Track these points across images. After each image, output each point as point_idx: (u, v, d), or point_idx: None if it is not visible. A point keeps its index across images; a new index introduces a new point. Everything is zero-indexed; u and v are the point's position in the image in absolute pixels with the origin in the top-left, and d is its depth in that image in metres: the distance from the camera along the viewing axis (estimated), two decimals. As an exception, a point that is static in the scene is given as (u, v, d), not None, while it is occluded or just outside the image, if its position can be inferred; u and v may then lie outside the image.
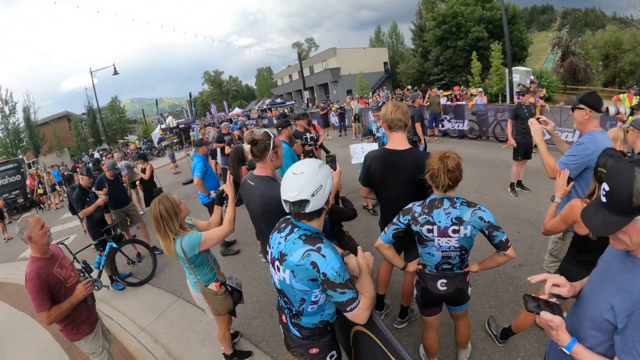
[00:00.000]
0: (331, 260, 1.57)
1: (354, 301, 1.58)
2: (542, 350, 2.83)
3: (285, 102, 40.81)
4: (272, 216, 2.36)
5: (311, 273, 1.59)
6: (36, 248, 2.57)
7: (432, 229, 2.19)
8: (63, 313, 2.55)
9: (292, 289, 1.69)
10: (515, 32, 28.81)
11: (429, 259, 2.35)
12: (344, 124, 17.35)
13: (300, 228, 1.69)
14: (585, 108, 2.63)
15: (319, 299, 1.70)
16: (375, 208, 6.55)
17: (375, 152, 2.92)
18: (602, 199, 1.16)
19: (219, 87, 71.46)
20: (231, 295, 2.91)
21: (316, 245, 1.60)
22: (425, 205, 2.22)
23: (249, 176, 2.67)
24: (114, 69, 24.21)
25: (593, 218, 1.19)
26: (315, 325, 1.79)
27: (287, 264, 1.65)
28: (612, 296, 1.22)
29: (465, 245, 2.21)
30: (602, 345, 1.28)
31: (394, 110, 2.65)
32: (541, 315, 1.31)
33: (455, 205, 2.15)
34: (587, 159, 2.55)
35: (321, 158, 6.02)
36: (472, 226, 2.13)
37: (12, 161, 18.50)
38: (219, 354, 3.48)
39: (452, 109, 12.76)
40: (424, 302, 2.52)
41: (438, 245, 2.23)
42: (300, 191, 1.58)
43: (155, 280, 5.45)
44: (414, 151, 2.75)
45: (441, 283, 2.36)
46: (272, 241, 1.82)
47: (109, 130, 40.35)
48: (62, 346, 4.19)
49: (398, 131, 2.69)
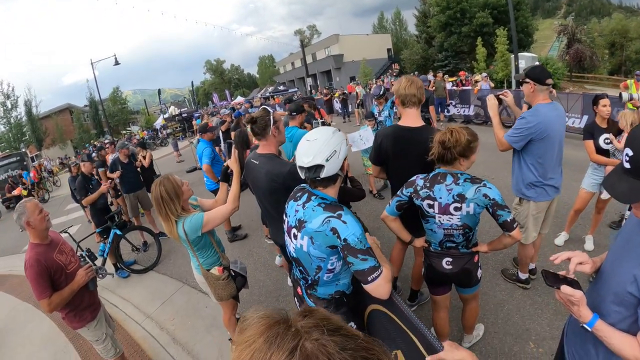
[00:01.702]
0: (352, 226, 1.53)
1: (375, 270, 1.49)
2: (555, 334, 2.80)
3: (288, 89, 40.50)
4: (278, 195, 2.31)
5: (331, 239, 1.55)
6: (35, 233, 2.51)
7: (432, 205, 2.11)
8: (64, 300, 2.49)
9: (308, 257, 1.66)
10: (521, 18, 28.30)
11: (432, 236, 2.28)
12: (346, 110, 17.21)
13: (317, 196, 1.67)
14: (530, 82, 2.77)
15: (335, 267, 1.67)
16: (381, 192, 6.53)
17: (387, 129, 2.80)
18: (626, 165, 1.09)
19: (221, 76, 70.98)
20: (234, 281, 2.84)
21: (337, 212, 1.57)
22: (427, 179, 2.16)
23: (253, 155, 2.61)
24: (114, 59, 24.03)
25: (617, 186, 1.12)
26: (331, 296, 1.76)
27: (305, 231, 1.62)
28: (635, 267, 1.16)
29: (469, 223, 2.11)
30: (625, 321, 1.22)
31: (407, 85, 2.54)
32: (562, 289, 1.25)
33: (458, 181, 2.06)
34: (529, 132, 2.73)
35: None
36: (476, 204, 2.02)
37: (15, 154, 18.53)
38: (225, 340, 3.45)
39: (458, 94, 12.60)
40: (430, 280, 2.48)
41: (439, 222, 2.15)
42: (315, 156, 1.57)
43: (160, 267, 5.43)
44: (428, 128, 2.64)
45: (446, 261, 2.28)
46: (289, 209, 1.79)
47: (112, 121, 40.36)
48: (66, 335, 4.18)
49: (412, 107, 2.58)
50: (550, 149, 2.81)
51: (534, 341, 2.82)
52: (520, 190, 3.06)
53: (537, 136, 2.73)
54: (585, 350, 1.42)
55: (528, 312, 3.14)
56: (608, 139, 3.59)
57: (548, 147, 2.80)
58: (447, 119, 12.61)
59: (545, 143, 2.77)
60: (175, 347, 3.57)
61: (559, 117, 2.83)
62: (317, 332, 0.57)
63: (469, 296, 2.52)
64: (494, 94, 3.06)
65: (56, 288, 2.47)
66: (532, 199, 3.01)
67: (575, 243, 4.04)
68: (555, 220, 3.47)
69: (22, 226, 2.47)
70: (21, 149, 27.66)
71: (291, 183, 2.28)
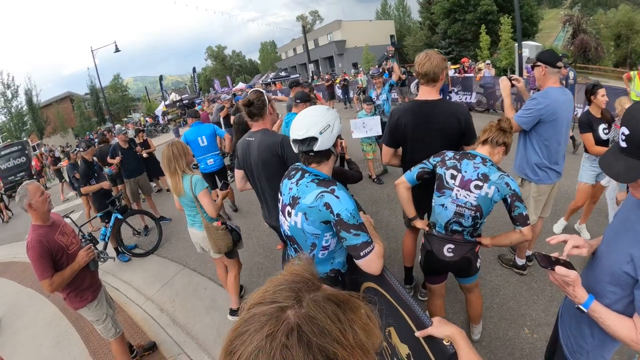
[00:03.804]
0: (345, 201, 1.55)
1: (368, 245, 1.52)
2: (550, 320, 2.82)
3: (290, 75, 40.19)
4: (270, 168, 2.37)
5: (324, 214, 1.56)
6: (37, 215, 2.53)
7: (455, 176, 2.13)
8: (65, 280, 2.52)
9: (303, 233, 1.67)
10: (526, 6, 27.93)
11: (440, 213, 2.23)
12: (347, 96, 17.11)
13: (311, 173, 1.69)
14: (541, 65, 2.83)
15: (329, 244, 1.69)
16: (381, 177, 6.52)
17: (403, 105, 2.72)
18: (622, 144, 1.09)
19: (222, 63, 70.40)
20: (231, 234, 3.20)
21: (330, 187, 1.59)
22: (457, 153, 2.21)
23: (247, 134, 2.66)
24: (115, 47, 23.84)
25: (614, 165, 1.12)
26: (327, 275, 1.77)
27: (299, 207, 1.63)
28: (631, 246, 1.15)
29: (483, 207, 2.10)
30: (620, 302, 1.22)
31: (425, 62, 2.45)
32: (556, 270, 1.24)
33: (486, 163, 2.11)
34: (539, 112, 2.77)
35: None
36: (497, 188, 2.03)
37: (17, 143, 18.48)
38: (224, 321, 3.52)
39: (460, 82, 12.50)
40: (428, 269, 2.44)
41: (455, 196, 2.14)
42: (309, 129, 1.59)
43: (160, 251, 5.48)
44: (447, 102, 2.62)
45: (448, 248, 2.24)
46: (283, 188, 1.80)
47: (113, 109, 40.22)
48: (68, 318, 4.24)
49: (429, 84, 2.51)
50: (558, 132, 2.84)
51: (528, 327, 2.85)
52: (523, 170, 3.08)
53: (546, 118, 2.77)
54: (580, 331, 1.42)
55: (524, 297, 3.17)
56: (606, 129, 3.56)
57: (556, 130, 2.83)
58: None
59: (553, 125, 2.80)
60: (175, 328, 3.63)
61: (568, 102, 2.86)
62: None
63: (470, 285, 2.50)
64: (506, 76, 3.09)
65: (58, 269, 2.50)
66: (533, 181, 3.02)
67: (574, 232, 4.05)
68: (553, 208, 3.47)
69: (25, 208, 2.50)
70: (23, 138, 27.71)
71: (284, 151, 2.38)
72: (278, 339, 0.51)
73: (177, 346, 3.38)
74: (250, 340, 0.53)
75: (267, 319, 0.54)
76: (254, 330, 0.54)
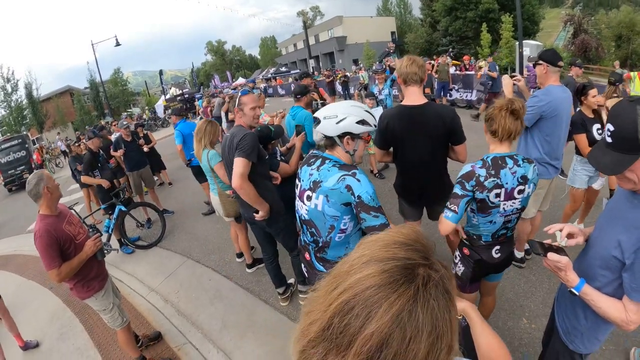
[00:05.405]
0: (365, 184, 1.66)
1: (385, 227, 1.60)
2: (547, 311, 2.81)
3: (290, 71, 40.11)
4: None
5: (345, 196, 1.66)
6: (49, 202, 2.55)
7: (499, 193, 1.89)
8: (73, 270, 2.52)
9: (323, 216, 1.76)
10: (527, 5, 27.82)
11: (487, 228, 2.04)
12: (348, 92, 17.11)
13: (331, 160, 1.78)
14: (543, 63, 2.91)
15: (347, 227, 1.77)
16: (382, 172, 6.57)
17: (390, 110, 2.76)
18: (608, 139, 1.19)
19: (222, 58, 70.09)
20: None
21: (351, 171, 1.69)
22: (489, 166, 1.88)
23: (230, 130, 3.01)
24: (115, 41, 23.70)
25: (601, 159, 1.23)
26: (341, 259, 1.80)
27: (321, 190, 1.73)
28: (620, 233, 1.26)
29: (525, 204, 2.00)
30: (611, 285, 1.33)
31: (409, 64, 2.52)
32: (548, 256, 1.34)
33: (519, 162, 1.91)
34: (541, 109, 2.86)
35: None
36: (533, 184, 1.95)
37: (17, 137, 18.37)
38: (228, 311, 3.57)
39: (461, 79, 12.53)
40: (475, 277, 2.22)
41: (503, 210, 1.95)
42: (321, 112, 1.77)
43: (164, 242, 5.51)
44: (434, 105, 2.67)
45: (495, 250, 2.12)
46: (302, 174, 1.88)
47: (112, 103, 40.10)
48: (72, 310, 4.26)
49: (414, 85, 2.55)
50: (558, 128, 2.93)
51: (527, 317, 2.92)
52: None
53: (547, 114, 2.86)
54: (574, 314, 1.53)
55: (522, 289, 3.23)
56: (600, 129, 3.47)
57: (556, 126, 2.91)
58: (449, 103, 12.51)
59: (554, 122, 2.88)
60: (180, 318, 3.68)
61: (568, 100, 2.94)
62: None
63: (495, 284, 2.42)
64: (508, 75, 3.16)
65: (65, 258, 2.50)
66: None
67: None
68: (551, 204, 3.51)
69: (40, 193, 2.50)
70: (22, 132, 27.63)
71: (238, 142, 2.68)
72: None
73: (182, 336, 3.43)
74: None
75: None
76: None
